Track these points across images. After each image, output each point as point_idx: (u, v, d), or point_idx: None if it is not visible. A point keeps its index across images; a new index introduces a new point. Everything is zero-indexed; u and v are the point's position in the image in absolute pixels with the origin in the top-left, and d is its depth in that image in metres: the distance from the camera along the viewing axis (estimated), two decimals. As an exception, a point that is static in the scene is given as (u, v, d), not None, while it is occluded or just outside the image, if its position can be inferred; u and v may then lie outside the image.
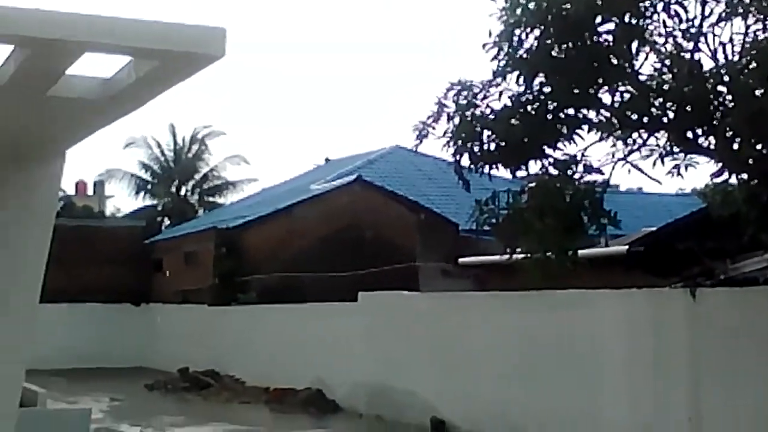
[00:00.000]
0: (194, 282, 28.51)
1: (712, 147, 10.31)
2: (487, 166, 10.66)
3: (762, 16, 9.95)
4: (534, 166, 10.76)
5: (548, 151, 10.62)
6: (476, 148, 10.55)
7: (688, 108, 10.03)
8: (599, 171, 10.76)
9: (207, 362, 25.22)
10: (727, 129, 9.93)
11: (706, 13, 10.11)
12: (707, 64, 10.23)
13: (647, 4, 10.06)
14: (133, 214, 42.12)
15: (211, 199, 43.94)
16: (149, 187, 43.10)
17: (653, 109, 10.22)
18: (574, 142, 10.61)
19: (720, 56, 10.15)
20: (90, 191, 48.37)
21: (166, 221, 41.68)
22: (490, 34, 10.24)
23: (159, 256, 32.35)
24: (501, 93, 10.56)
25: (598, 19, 10.03)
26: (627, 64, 10.26)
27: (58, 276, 28.95)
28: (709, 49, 10.19)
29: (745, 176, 10.55)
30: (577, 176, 10.66)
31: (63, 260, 25.50)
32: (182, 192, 43.65)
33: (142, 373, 27.27)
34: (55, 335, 26.78)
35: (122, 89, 2.85)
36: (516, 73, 10.29)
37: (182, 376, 24.82)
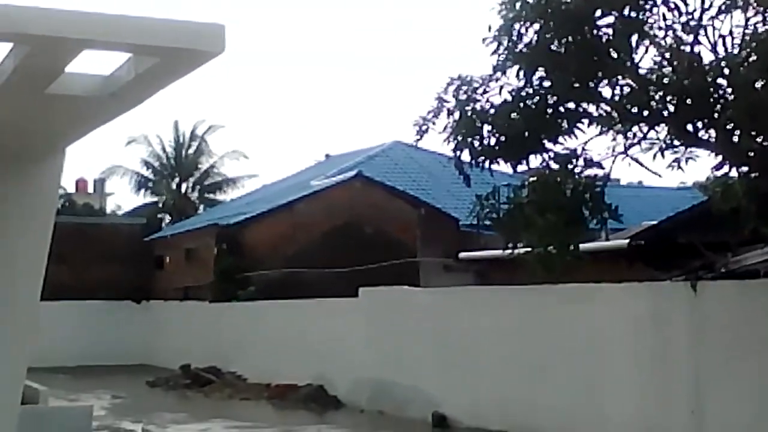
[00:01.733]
0: (195, 279, 28.53)
1: (712, 140, 10.30)
2: (487, 161, 10.66)
3: (762, 9, 9.94)
4: (534, 161, 10.77)
5: (548, 145, 10.62)
6: (476, 143, 10.54)
7: (688, 101, 10.03)
8: (600, 165, 10.75)
9: (208, 359, 25.24)
10: (728, 122, 9.92)
11: (706, 5, 10.11)
12: (707, 57, 10.23)
13: (647, -3, 10.05)
14: (133, 211, 42.15)
15: (211, 195, 43.95)
16: (150, 184, 43.12)
17: (653, 103, 10.21)
18: (575, 136, 10.61)
19: (720, 49, 10.14)
20: (90, 189, 48.42)
21: (167, 218, 41.69)
22: (489, 29, 10.25)
23: (160, 253, 32.37)
24: (501, 88, 10.56)
25: (598, 13, 10.03)
26: (627, 58, 10.25)
27: (59, 273, 28.99)
28: (709, 42, 10.18)
29: (745, 169, 10.54)
30: (577, 170, 10.65)
31: (64, 258, 25.53)
32: (183, 189, 43.66)
33: (144, 370, 27.29)
34: (57, 333, 26.80)
35: (122, 86, 2.85)
36: (516, 67, 10.29)
37: (184, 373, 24.84)
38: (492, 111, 10.55)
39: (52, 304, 27.37)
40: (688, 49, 10.23)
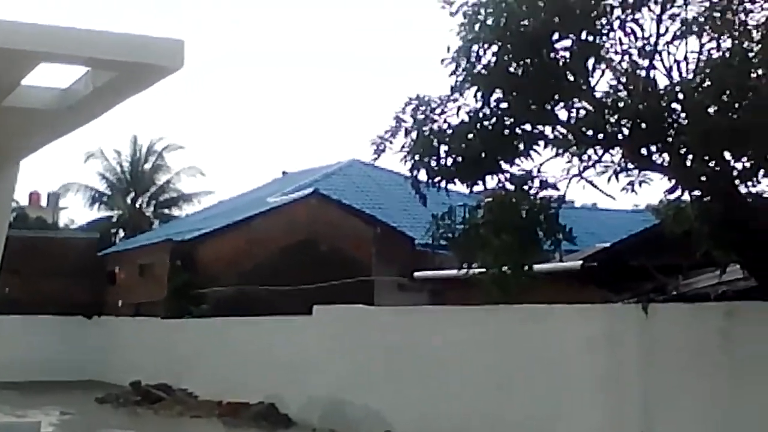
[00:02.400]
0: (148, 295, 28.27)
1: (665, 164, 10.41)
2: (444, 181, 10.68)
3: (716, 35, 10.09)
4: (491, 182, 10.79)
5: (505, 166, 10.66)
6: (433, 163, 10.57)
7: (643, 125, 10.13)
8: (555, 186, 10.82)
9: (160, 376, 24.99)
10: (681, 146, 10.03)
11: (662, 31, 10.23)
12: (662, 82, 10.35)
13: (603, 21, 10.16)
14: (87, 225, 41.73)
15: (166, 211, 43.64)
16: (104, 198, 42.72)
17: (608, 126, 10.30)
18: (531, 158, 10.67)
19: (675, 74, 10.27)
20: (44, 202, 47.86)
21: (121, 233, 41.32)
22: (448, 50, 10.28)
23: (113, 269, 32.05)
24: (459, 108, 10.60)
25: (555, 36, 10.11)
26: (583, 81, 10.34)
27: (11, 287, 28.58)
28: (664, 67, 10.30)
29: (697, 193, 10.66)
30: (533, 192, 10.71)
31: (15, 272, 25.15)
32: (138, 204, 43.31)
33: (94, 386, 26.96)
34: (5, 347, 26.42)
35: (79, 100, 2.82)
36: (474, 88, 10.33)
37: (134, 390, 24.56)
38: (449, 131, 10.58)
39: (1, 318, 27.06)
40: (643, 73, 10.34)
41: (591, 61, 10.27)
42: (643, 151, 10.38)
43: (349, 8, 62.46)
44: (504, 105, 10.41)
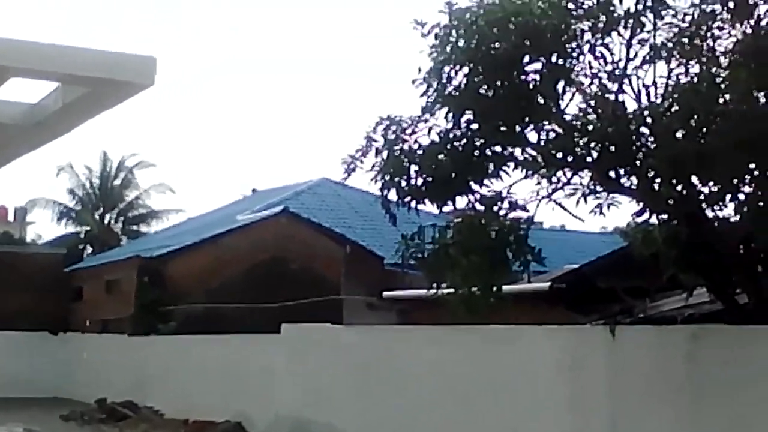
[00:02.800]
0: (115, 311, 28.07)
1: (634, 187, 10.49)
2: (414, 201, 10.71)
3: (684, 61, 10.20)
4: (460, 202, 10.84)
5: (475, 187, 10.71)
6: (404, 183, 10.60)
7: (612, 148, 10.21)
8: (524, 208, 10.87)
9: (126, 393, 24.79)
10: (649, 169, 10.12)
11: (631, 55, 10.34)
12: (631, 106, 10.44)
13: (573, 45, 10.24)
14: (54, 241, 41.39)
15: (135, 227, 43.37)
16: (72, 214, 42.41)
17: (577, 149, 10.37)
18: (500, 179, 10.72)
19: (643, 98, 10.37)
20: (11, 217, 47.43)
21: (89, 249, 41.01)
22: (419, 71, 10.33)
23: (79, 285, 31.81)
24: (429, 129, 10.64)
25: (526, 59, 10.18)
26: (553, 104, 10.41)
27: (-25, 303, 28.25)
28: (633, 91, 10.40)
29: (665, 216, 10.75)
30: (502, 213, 10.75)
31: (-20, 286, 24.97)
32: (106, 220, 43.03)
33: (59, 403, 26.70)
34: (-30, 363, 26.12)
35: (49, 115, 2.81)
36: (444, 109, 10.38)
37: (99, 407, 24.36)
38: (420, 152, 10.62)
39: (-35, 333, 26.78)
40: (612, 97, 10.43)
41: (561, 84, 10.35)
42: (612, 174, 10.46)
43: (316, 17, 62.55)
44: (474, 126, 10.46)
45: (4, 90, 2.72)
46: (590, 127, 10.45)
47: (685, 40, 10.14)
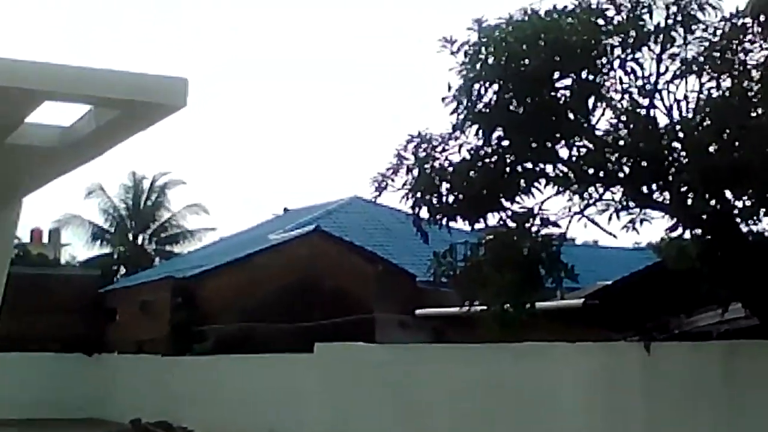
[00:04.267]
0: (149, 332, 28.19)
1: (666, 202, 10.43)
2: (445, 219, 10.70)
3: (716, 75, 10.15)
4: (492, 219, 10.81)
5: (506, 204, 10.69)
6: (435, 201, 10.59)
7: (644, 163, 10.16)
8: (556, 224, 10.83)
9: (160, 413, 24.87)
10: (681, 185, 10.06)
11: (662, 70, 10.30)
12: (662, 121, 10.39)
13: (604, 60, 10.22)
14: (88, 262, 41.70)
15: (168, 248, 43.60)
16: (106, 235, 42.72)
17: (609, 164, 10.33)
18: (532, 196, 10.69)
19: (675, 113, 10.32)
20: (45, 239, 47.83)
21: (122, 270, 41.27)
22: (449, 88, 10.34)
23: (113, 306, 31.99)
24: (460, 146, 10.64)
25: (556, 75, 10.17)
26: (584, 120, 10.38)
27: (11, 325, 28.52)
28: (664, 106, 10.36)
29: (699, 231, 10.67)
30: (534, 229, 10.71)
31: (16, 309, 25.10)
32: (139, 240, 43.31)
33: (94, 424, 26.84)
34: (7, 384, 26.31)
35: (82, 138, 2.84)
36: (475, 126, 10.38)
37: (134, 428, 24.45)
38: (451, 169, 10.62)
39: (2, 355, 26.98)
40: (643, 112, 10.39)
41: (591, 100, 10.32)
42: (644, 189, 10.41)
43: (325, 21, 62.52)
44: (505, 143, 10.45)
45: (38, 113, 2.75)
46: (621, 143, 10.40)
47: (717, 54, 10.09)
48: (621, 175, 10.37)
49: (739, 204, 10.24)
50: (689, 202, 10.16)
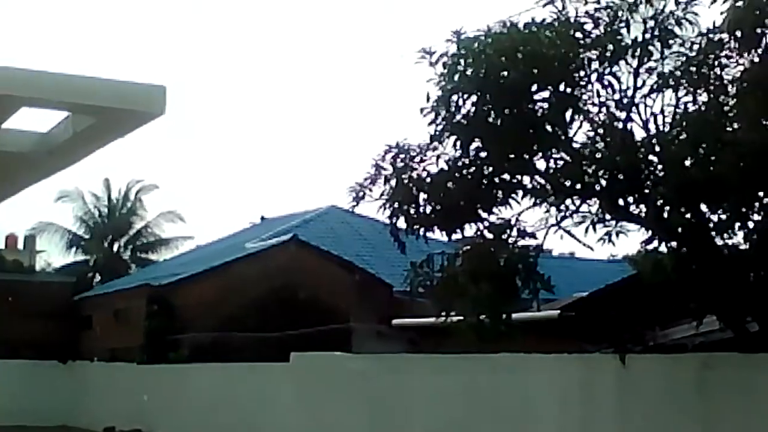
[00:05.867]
0: (124, 340, 28.05)
1: (642, 215, 10.49)
2: (422, 229, 10.72)
3: (692, 89, 10.22)
4: (469, 230, 10.85)
5: (483, 215, 10.72)
6: (412, 211, 10.61)
7: (620, 176, 10.22)
8: (533, 236, 10.87)
9: (133, 421, 24.75)
10: (658, 198, 10.12)
11: (639, 84, 10.37)
12: (639, 134, 10.46)
13: (581, 74, 10.28)
14: (63, 269, 41.46)
15: (144, 255, 43.38)
16: (82, 242, 42.47)
17: (586, 177, 10.38)
18: (509, 207, 10.74)
19: (651, 127, 10.39)
20: (20, 245, 47.52)
21: (98, 277, 41.04)
22: (428, 99, 10.36)
23: (88, 313, 31.82)
24: (438, 157, 10.67)
25: (534, 87, 10.21)
26: (561, 132, 10.43)
27: (-16, 331, 28.29)
28: (641, 120, 10.42)
29: (674, 244, 10.73)
30: (511, 241, 10.75)
31: (-11, 315, 25.01)
32: (115, 248, 43.08)
33: (68, 431, 26.64)
34: (-22, 391, 26.09)
35: (59, 144, 2.84)
36: (453, 137, 10.41)
37: (108, 436, 24.32)
38: (428, 180, 10.64)
39: (-25, 361, 26.79)
40: (620, 125, 10.45)
41: (569, 113, 10.38)
42: (620, 201, 10.46)
43: (333, 49, 62.76)
44: (483, 154, 10.49)
45: (15, 119, 2.75)
46: (598, 155, 10.46)
47: (693, 69, 10.17)
48: (598, 187, 10.42)
49: (715, 218, 10.31)
50: (665, 215, 10.23)
